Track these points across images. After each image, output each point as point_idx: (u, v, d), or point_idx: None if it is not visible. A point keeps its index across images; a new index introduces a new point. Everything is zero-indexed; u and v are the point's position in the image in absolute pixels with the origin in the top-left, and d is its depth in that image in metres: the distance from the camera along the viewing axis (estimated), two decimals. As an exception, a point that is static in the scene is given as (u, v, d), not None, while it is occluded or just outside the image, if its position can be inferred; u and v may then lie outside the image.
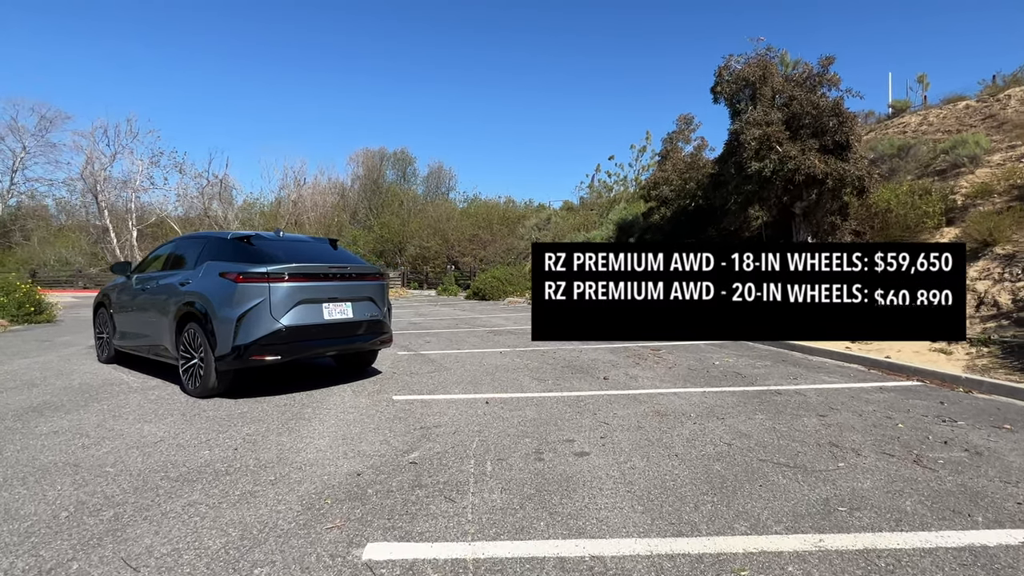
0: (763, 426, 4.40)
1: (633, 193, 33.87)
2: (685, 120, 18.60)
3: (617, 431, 4.25)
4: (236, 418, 4.56)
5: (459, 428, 4.31)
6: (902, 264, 4.13)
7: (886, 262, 4.13)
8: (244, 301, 5.01)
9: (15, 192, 35.96)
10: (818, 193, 11.09)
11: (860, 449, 3.84)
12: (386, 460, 3.58)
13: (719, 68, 12.42)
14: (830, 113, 10.83)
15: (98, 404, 5.02)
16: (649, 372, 6.67)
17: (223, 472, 3.34)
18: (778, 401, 5.22)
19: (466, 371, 6.73)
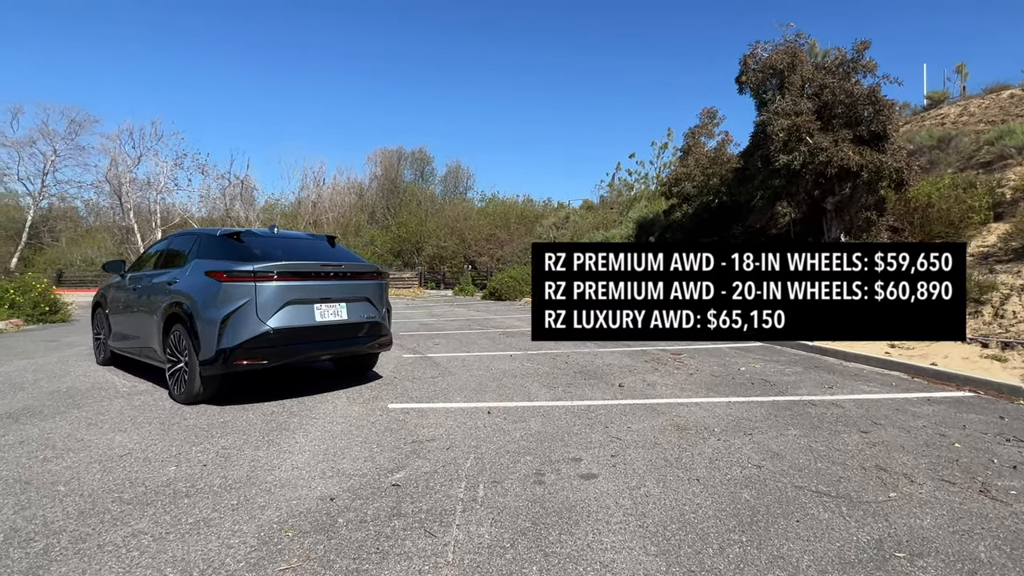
0: (797, 444, 3.88)
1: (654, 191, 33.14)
2: (708, 114, 17.91)
3: (631, 448, 3.79)
4: (216, 428, 4.22)
5: (454, 442, 3.90)
6: (902, 264, 4.12)
7: (886, 262, 4.13)
8: (229, 302, 4.68)
9: (46, 194, 36.84)
10: (852, 187, 10.39)
11: (913, 474, 3.31)
12: (367, 481, 3.18)
13: (744, 56, 11.79)
14: (865, 101, 10.13)
15: (78, 411, 4.74)
16: (668, 379, 6.16)
17: (183, 493, 2.98)
18: (812, 414, 4.69)
19: (471, 376, 6.32)
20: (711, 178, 15.71)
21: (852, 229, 10.99)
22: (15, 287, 12.67)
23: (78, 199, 39.41)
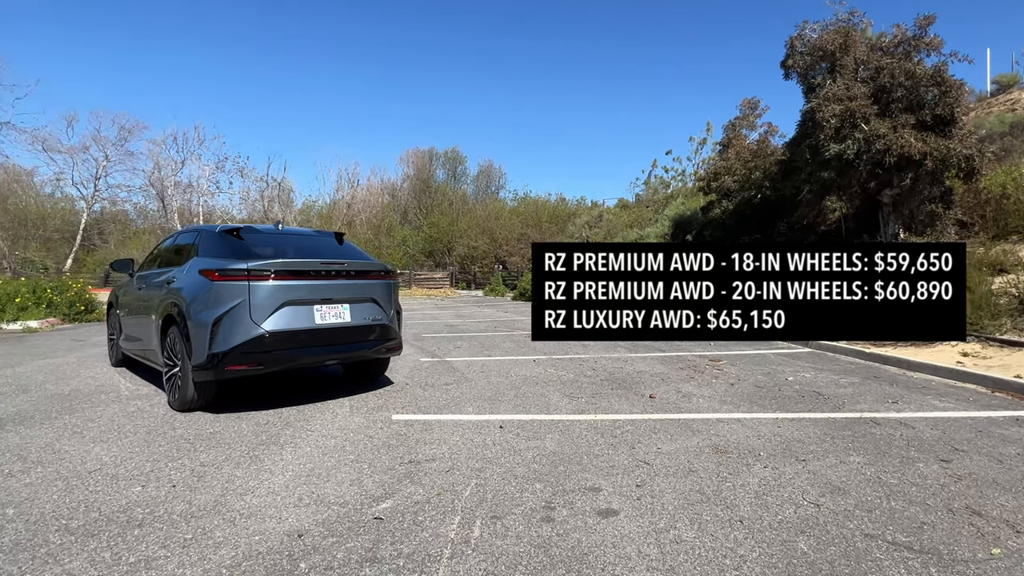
0: (863, 475, 3.24)
1: (692, 188, 32.01)
2: (750, 105, 16.96)
3: (660, 476, 3.23)
4: (202, 440, 3.88)
5: (456, 464, 3.43)
6: (902, 264, 4.13)
7: (886, 262, 4.14)
8: (221, 302, 4.34)
9: (98, 198, 38.45)
10: (913, 177, 9.42)
11: (1018, 523, 2.65)
12: (346, 512, 2.74)
13: (791, 38, 10.91)
14: (929, 82, 9.15)
15: (69, 416, 4.50)
16: (706, 389, 5.54)
17: (137, 522, 2.61)
18: (878, 436, 4.01)
19: (489, 383, 5.84)
20: (753, 172, 14.79)
21: (913, 224, 10.00)
22: (52, 287, 12.96)
23: (128, 202, 41.02)
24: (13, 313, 11.70)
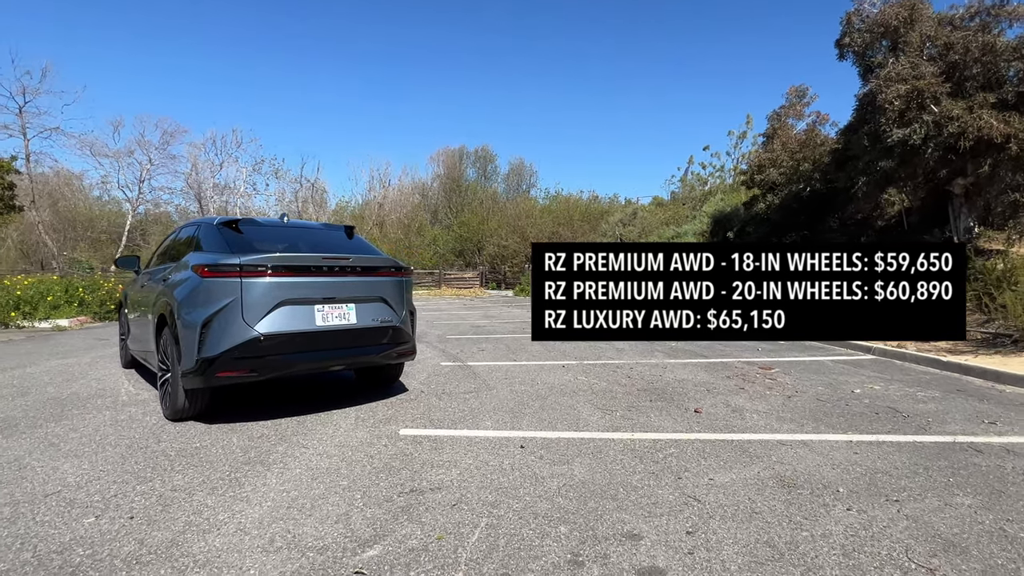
0: (980, 525, 2.53)
1: (731, 184, 30.74)
2: (797, 92, 15.87)
3: (716, 519, 2.59)
4: (184, 457, 3.43)
5: (465, 495, 2.87)
6: (902, 264, 4.15)
7: (886, 262, 4.15)
8: (211, 301, 3.90)
9: (142, 200, 39.68)
10: (992, 163, 8.38)
11: None
12: (323, 562, 2.21)
13: (847, 14, 9.97)
14: (1012, 55, 8.11)
15: (54, 425, 4.15)
16: (760, 403, 4.83)
17: (69, 571, 2.14)
18: (984, 468, 3.26)
19: (512, 392, 5.27)
20: (801, 163, 13.77)
21: (990, 216, 8.94)
22: (84, 285, 13.06)
23: (170, 204, 42.21)
24: (45, 311, 11.79)
